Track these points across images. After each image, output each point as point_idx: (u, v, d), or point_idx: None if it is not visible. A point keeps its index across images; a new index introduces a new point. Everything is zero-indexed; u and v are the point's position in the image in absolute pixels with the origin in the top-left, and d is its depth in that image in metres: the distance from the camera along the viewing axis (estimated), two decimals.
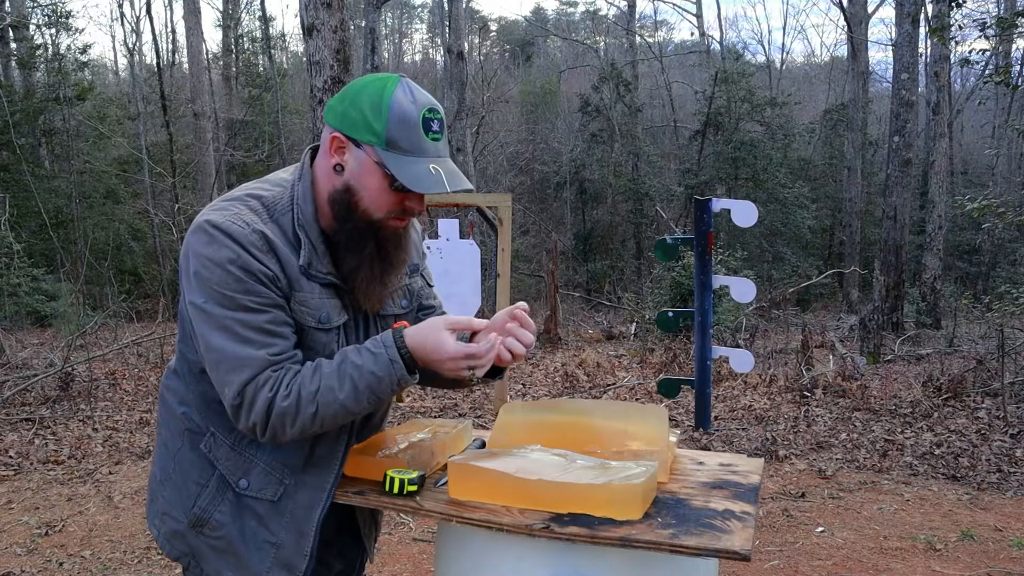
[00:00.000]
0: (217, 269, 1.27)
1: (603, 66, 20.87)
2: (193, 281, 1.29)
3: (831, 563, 3.37)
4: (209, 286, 1.28)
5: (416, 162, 1.29)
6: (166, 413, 1.47)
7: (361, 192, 1.33)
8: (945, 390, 6.08)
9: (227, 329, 1.28)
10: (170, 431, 1.45)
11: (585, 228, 20.52)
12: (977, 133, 25.12)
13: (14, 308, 10.37)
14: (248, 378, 1.29)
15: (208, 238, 1.28)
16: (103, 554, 3.52)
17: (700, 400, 5.16)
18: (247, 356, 1.28)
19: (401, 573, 3.33)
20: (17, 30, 15.50)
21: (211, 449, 1.40)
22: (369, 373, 1.31)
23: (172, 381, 1.46)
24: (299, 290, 1.34)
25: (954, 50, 14.59)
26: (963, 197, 9.49)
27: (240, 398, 1.29)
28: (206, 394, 1.39)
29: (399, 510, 1.47)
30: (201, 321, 1.29)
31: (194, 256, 1.29)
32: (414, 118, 1.29)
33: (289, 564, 1.41)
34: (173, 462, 1.44)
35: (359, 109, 1.30)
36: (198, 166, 16.45)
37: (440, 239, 4.61)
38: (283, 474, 1.40)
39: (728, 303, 9.27)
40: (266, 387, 1.30)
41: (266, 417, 1.30)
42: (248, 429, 1.32)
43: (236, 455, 1.40)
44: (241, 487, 1.40)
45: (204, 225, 1.29)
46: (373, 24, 11.73)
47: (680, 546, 1.26)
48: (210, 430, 1.41)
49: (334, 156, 1.33)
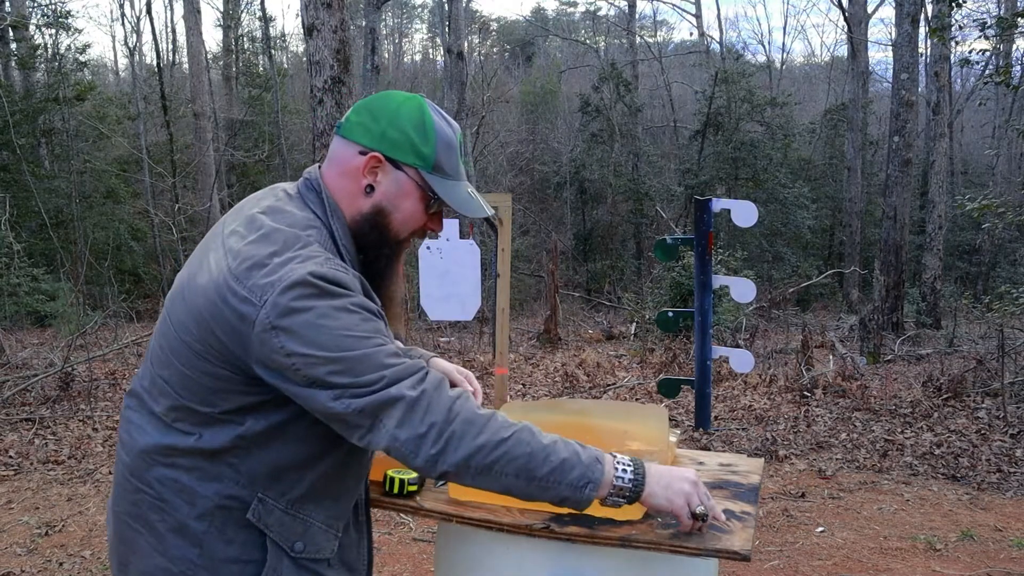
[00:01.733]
0: (343, 314, 1.13)
1: (603, 66, 20.87)
2: (310, 340, 1.11)
3: (831, 563, 3.37)
4: (339, 335, 1.12)
5: (458, 186, 1.30)
6: (175, 496, 1.23)
7: (395, 214, 1.28)
8: (945, 390, 6.08)
9: (374, 362, 1.14)
10: (187, 513, 1.23)
11: (585, 228, 20.52)
12: (977, 133, 25.11)
13: (14, 308, 10.38)
14: (419, 377, 1.17)
15: (317, 290, 1.13)
16: (103, 554, 3.52)
17: (700, 400, 5.16)
18: (408, 366, 1.17)
19: (401, 573, 3.33)
20: (17, 30, 15.49)
21: (260, 517, 1.23)
22: (573, 452, 1.20)
23: (183, 462, 1.22)
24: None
25: (954, 50, 14.60)
26: (963, 197, 9.49)
27: (418, 391, 1.15)
28: (257, 458, 1.22)
29: (399, 510, 1.47)
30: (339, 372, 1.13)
31: (302, 313, 1.11)
32: (455, 142, 1.29)
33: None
34: (199, 547, 1.22)
35: (401, 130, 1.25)
36: (198, 166, 16.45)
37: (440, 239, 4.60)
38: (337, 528, 1.31)
39: (728, 303, 9.27)
40: (445, 387, 1.19)
41: (449, 418, 1.15)
42: (419, 436, 1.14)
43: (290, 519, 1.25)
44: (296, 551, 1.25)
45: (308, 279, 1.12)
46: (373, 24, 11.73)
47: (680, 546, 1.26)
48: (258, 496, 1.23)
49: (366, 176, 1.26)
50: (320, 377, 1.12)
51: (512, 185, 20.59)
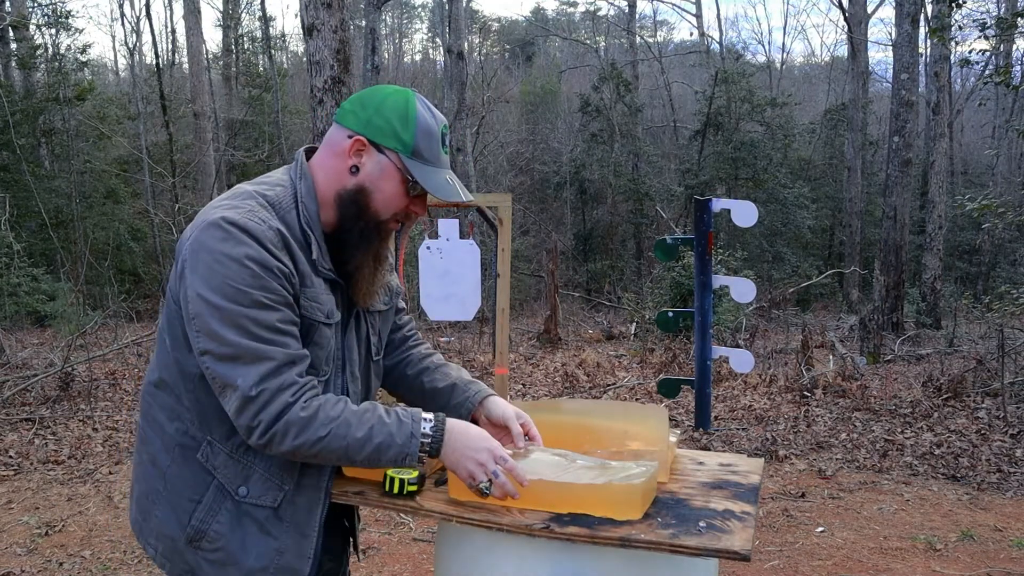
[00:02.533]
0: (234, 264, 1.26)
1: (603, 66, 20.86)
2: (204, 277, 1.27)
3: (831, 563, 3.37)
4: (224, 282, 1.26)
5: (436, 172, 1.41)
6: (151, 431, 1.43)
7: (376, 194, 1.40)
8: (945, 390, 6.08)
9: (240, 326, 1.27)
10: (157, 448, 1.41)
11: (585, 228, 20.52)
12: (977, 133, 25.11)
13: (14, 308, 10.38)
14: (268, 371, 1.28)
15: (224, 234, 1.28)
16: (103, 554, 3.52)
17: (700, 400, 5.16)
18: (265, 351, 1.28)
19: (401, 573, 3.33)
20: (17, 30, 15.49)
21: (208, 458, 1.38)
22: (388, 433, 1.34)
23: (159, 397, 1.41)
24: (309, 286, 1.37)
25: (954, 50, 14.60)
26: (963, 197, 9.49)
27: (257, 391, 1.27)
28: (203, 402, 1.37)
29: (399, 510, 1.47)
30: (211, 316, 1.27)
31: (207, 252, 1.27)
32: (435, 132, 1.41)
33: (292, 568, 1.41)
34: (163, 480, 1.40)
35: (385, 118, 1.38)
36: (198, 166, 16.46)
37: (440, 239, 4.60)
38: (282, 480, 1.39)
39: (728, 303, 9.28)
40: (288, 391, 1.29)
41: (275, 420, 1.28)
42: (247, 427, 1.29)
43: (234, 463, 1.38)
44: (240, 495, 1.38)
45: (219, 222, 1.28)
46: (373, 24, 11.73)
47: (680, 546, 1.26)
48: (207, 439, 1.38)
49: (351, 158, 1.39)
50: (199, 314, 1.28)
51: (512, 185, 20.59)
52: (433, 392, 1.63)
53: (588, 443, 1.59)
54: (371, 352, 1.55)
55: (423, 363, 1.67)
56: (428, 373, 1.65)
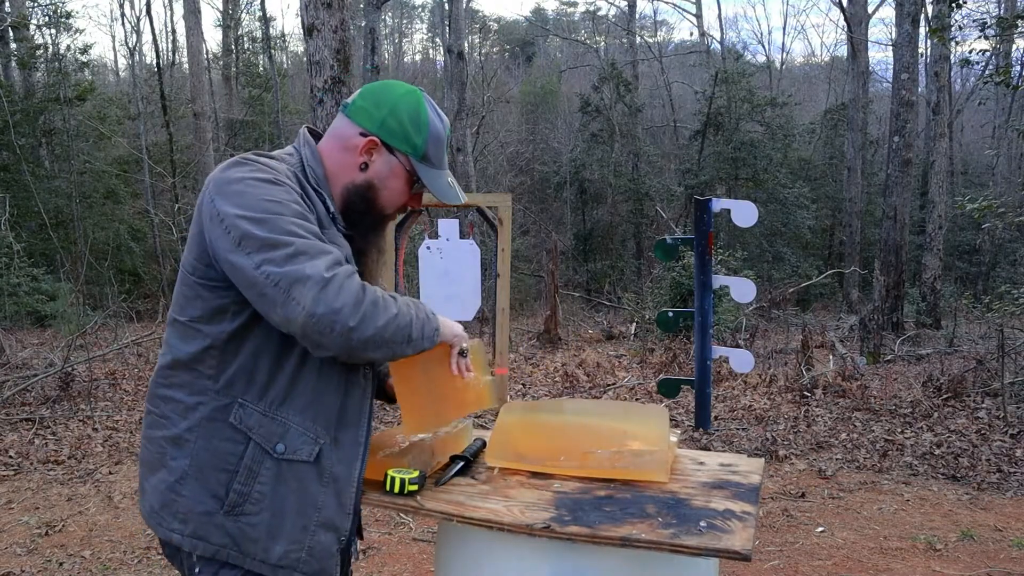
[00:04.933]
0: (264, 184, 1.30)
1: (603, 66, 20.85)
2: (238, 202, 1.28)
3: (831, 563, 3.37)
4: (261, 199, 1.28)
5: (441, 175, 1.49)
6: (172, 411, 1.40)
7: (383, 191, 1.47)
8: (945, 390, 6.08)
9: (290, 231, 1.27)
10: (180, 428, 1.39)
11: (585, 228, 20.51)
12: (977, 133, 25.09)
13: (14, 308, 10.38)
14: (334, 260, 1.28)
15: (248, 166, 1.33)
16: (103, 554, 3.52)
17: (700, 400, 5.16)
18: (323, 246, 1.29)
19: (401, 573, 3.33)
20: (17, 30, 15.49)
21: (241, 420, 1.37)
22: (424, 315, 1.43)
23: (176, 377, 1.40)
24: (327, 227, 1.41)
25: (954, 50, 14.58)
26: (963, 197, 9.48)
27: (331, 274, 1.26)
28: (229, 365, 1.37)
29: (399, 510, 1.48)
30: (260, 228, 1.26)
31: (234, 182, 1.30)
32: (443, 137, 1.48)
33: (331, 524, 1.43)
34: (189, 458, 1.38)
35: (399, 120, 1.43)
36: (198, 166, 16.44)
37: (440, 239, 4.60)
38: (317, 433, 1.40)
39: (728, 303, 9.27)
40: (356, 277, 1.32)
41: (359, 299, 1.28)
42: (333, 311, 1.26)
43: (269, 420, 1.37)
44: (279, 451, 1.37)
45: (238, 159, 1.34)
46: (373, 24, 11.72)
47: (681, 546, 1.26)
48: (238, 401, 1.37)
49: (363, 155, 1.44)
50: (246, 234, 1.26)
51: (512, 185, 20.58)
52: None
53: (588, 443, 1.59)
54: None
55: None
56: None
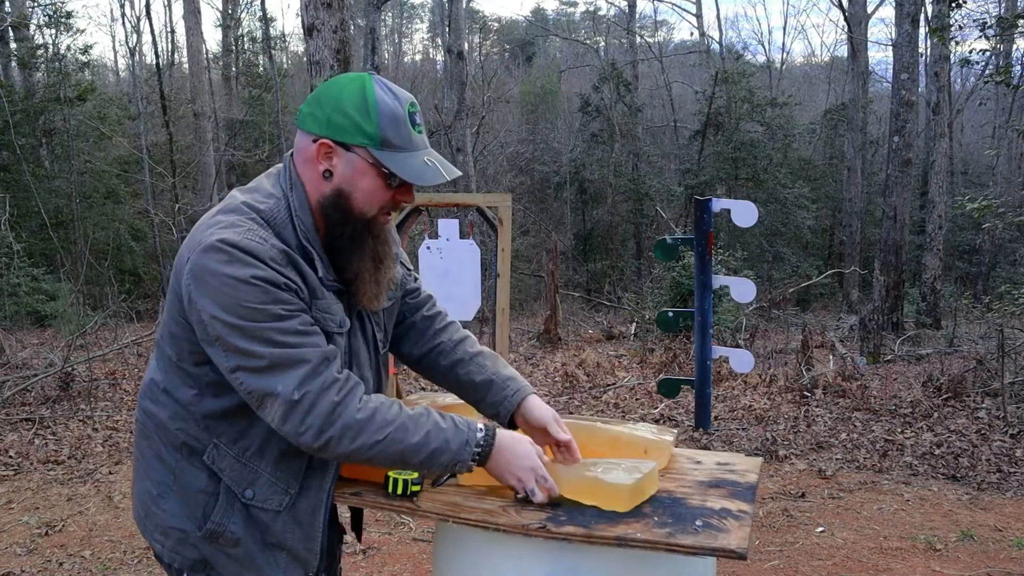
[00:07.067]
0: (243, 286, 1.24)
1: (603, 66, 20.85)
2: (215, 300, 1.25)
3: (831, 563, 3.37)
4: (237, 303, 1.24)
5: (411, 156, 1.33)
6: (155, 426, 1.40)
7: (355, 194, 1.34)
8: (945, 390, 6.08)
9: (266, 339, 1.25)
10: (163, 443, 1.40)
11: (585, 228, 20.50)
12: (977, 133, 25.09)
13: (14, 308, 10.38)
14: (307, 373, 1.26)
15: (226, 256, 1.25)
16: (103, 554, 3.52)
17: (700, 400, 5.16)
18: (298, 354, 1.26)
19: (401, 573, 3.33)
20: (17, 30, 15.49)
21: (214, 460, 1.36)
22: (444, 440, 1.34)
23: (161, 399, 1.39)
24: (320, 297, 1.35)
25: (954, 50, 14.56)
26: (963, 197, 9.47)
27: (300, 394, 1.25)
28: (209, 406, 1.35)
29: (396, 511, 1.48)
30: (234, 335, 1.25)
31: (212, 275, 1.25)
32: (401, 114, 1.32)
33: (302, 560, 1.44)
34: (172, 474, 1.39)
35: (344, 113, 1.31)
36: (198, 166, 16.44)
37: (440, 239, 4.60)
38: (288, 484, 1.39)
39: (728, 303, 9.27)
40: (332, 390, 1.28)
41: (328, 422, 1.27)
42: (296, 433, 1.27)
43: (241, 466, 1.37)
44: (247, 497, 1.37)
45: (219, 244, 1.25)
46: (373, 24, 11.72)
47: (676, 545, 1.26)
48: (212, 441, 1.36)
49: (322, 163, 1.34)
50: (221, 336, 1.25)
51: (512, 185, 20.58)
52: (470, 385, 1.59)
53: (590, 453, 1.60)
54: (377, 348, 1.53)
55: (456, 352, 1.62)
56: (463, 365, 1.60)
